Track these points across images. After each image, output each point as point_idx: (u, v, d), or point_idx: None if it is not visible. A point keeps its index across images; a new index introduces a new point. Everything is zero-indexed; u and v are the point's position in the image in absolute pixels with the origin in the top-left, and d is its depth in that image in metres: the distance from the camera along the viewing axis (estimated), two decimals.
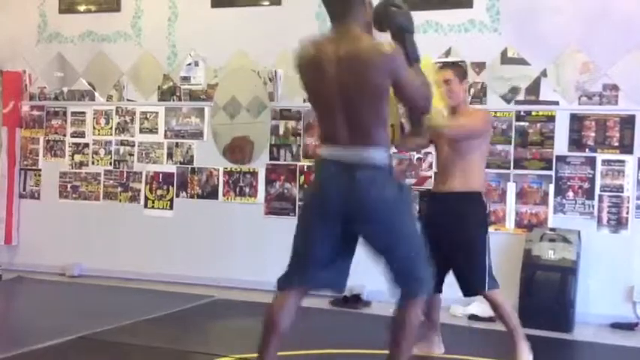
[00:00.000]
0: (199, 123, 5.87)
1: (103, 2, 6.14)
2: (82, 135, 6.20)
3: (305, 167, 5.56)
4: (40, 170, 6.31)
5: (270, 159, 5.67)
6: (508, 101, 5.16)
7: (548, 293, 4.62)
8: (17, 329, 4.58)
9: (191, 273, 5.73)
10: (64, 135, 6.25)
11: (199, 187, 5.85)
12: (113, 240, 6.04)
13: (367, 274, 5.12)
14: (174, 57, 5.94)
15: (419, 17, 5.21)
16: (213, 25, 5.80)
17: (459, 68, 3.88)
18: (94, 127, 6.17)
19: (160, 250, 5.90)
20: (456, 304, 4.97)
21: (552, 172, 5.04)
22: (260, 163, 5.69)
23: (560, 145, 5.04)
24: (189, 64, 5.90)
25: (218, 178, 5.79)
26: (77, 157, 6.21)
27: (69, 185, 6.22)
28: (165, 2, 5.93)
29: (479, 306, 4.91)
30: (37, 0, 6.28)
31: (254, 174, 5.70)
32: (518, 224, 5.10)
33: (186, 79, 5.92)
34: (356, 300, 5.13)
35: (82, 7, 6.22)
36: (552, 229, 4.93)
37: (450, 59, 5.28)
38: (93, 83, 6.19)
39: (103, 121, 6.14)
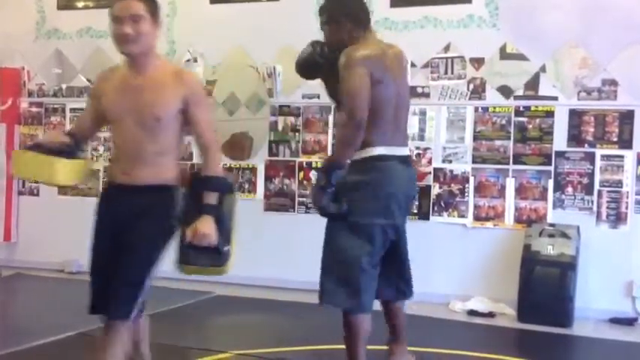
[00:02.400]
0: None
1: None
2: None
3: (304, 163, 5.56)
4: None
5: (270, 155, 5.66)
6: (507, 97, 5.15)
7: (547, 288, 4.62)
8: (17, 326, 4.58)
9: None
10: (63, 132, 6.24)
11: None
12: None
13: None
14: (172, 53, 5.93)
15: (418, 12, 5.26)
16: (211, 21, 5.79)
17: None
18: None
19: None
20: (455, 299, 4.98)
21: (551, 168, 5.04)
22: (259, 159, 5.69)
23: (560, 140, 5.04)
24: (188, 61, 5.89)
25: None
26: None
27: None
28: None
29: (478, 301, 4.92)
30: None
31: (253, 170, 5.70)
32: (518, 220, 5.10)
33: None
34: None
35: (80, 4, 6.21)
36: (551, 225, 4.93)
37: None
38: (91, 80, 6.18)
39: None
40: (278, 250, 5.59)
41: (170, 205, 2.72)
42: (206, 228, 2.64)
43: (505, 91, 5.15)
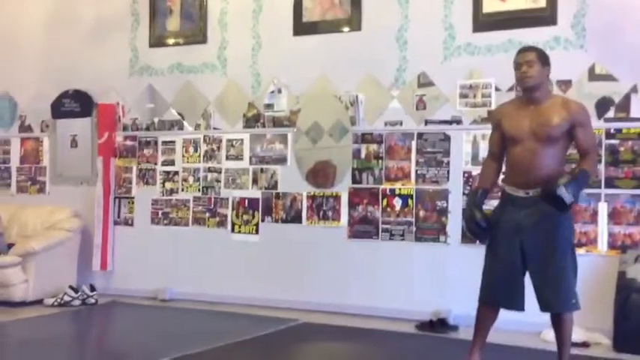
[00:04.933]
0: (283, 149, 5.97)
1: (190, 35, 6.38)
2: (171, 163, 6.42)
3: (387, 190, 5.55)
4: (133, 198, 6.57)
5: (353, 182, 5.69)
6: (597, 118, 5.00)
7: None
8: (113, 351, 4.77)
9: (276, 296, 5.80)
10: (155, 163, 6.49)
11: (283, 211, 5.94)
12: (202, 264, 6.20)
13: (454, 297, 5.09)
14: (258, 85, 6.09)
15: (501, 36, 5.21)
16: (295, 52, 5.92)
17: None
18: (183, 156, 6.38)
19: (247, 274, 6.00)
20: (547, 328, 4.81)
21: None
22: (342, 187, 5.72)
23: None
24: (273, 92, 6.03)
25: (302, 203, 5.86)
26: (168, 185, 6.43)
27: (160, 212, 6.44)
28: (249, 33, 6.10)
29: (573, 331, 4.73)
30: (128, 35, 6.60)
31: (337, 198, 5.74)
32: (612, 245, 4.90)
33: (269, 106, 6.05)
34: (442, 324, 5.05)
35: (170, 41, 6.48)
36: None
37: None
38: (182, 113, 6.42)
39: (191, 149, 6.35)
40: (362, 277, 5.59)
41: None
42: None
43: (595, 112, 4.99)
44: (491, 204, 3.90)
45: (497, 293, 3.62)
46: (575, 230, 3.90)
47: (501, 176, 3.80)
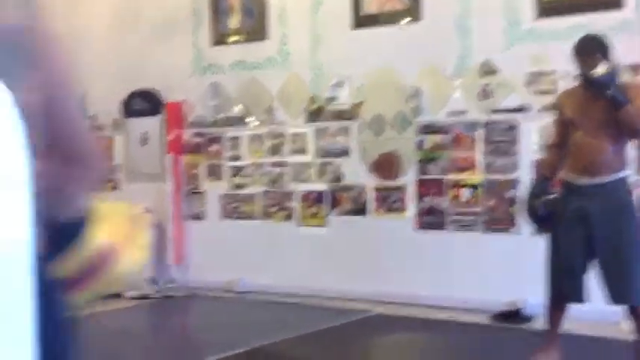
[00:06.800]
0: (346, 141, 6.03)
1: (251, 32, 6.48)
2: (238, 158, 6.56)
3: (454, 181, 5.55)
4: (203, 193, 6.74)
5: (418, 173, 5.71)
6: None
7: None
8: (192, 343, 4.97)
9: (347, 288, 5.89)
10: (223, 159, 6.64)
11: (349, 204, 6.00)
12: (272, 257, 6.33)
13: (529, 287, 5.07)
14: (319, 79, 6.15)
15: (566, 22, 5.12)
16: (354, 45, 5.93)
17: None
18: (248, 151, 6.51)
19: (316, 266, 6.11)
20: (626, 319, 4.75)
21: None
22: (408, 178, 5.75)
23: None
24: (334, 85, 6.08)
25: (367, 195, 5.92)
26: (235, 180, 6.58)
27: (229, 206, 6.60)
28: (308, 28, 6.15)
29: None
30: (191, 35, 6.74)
31: (402, 189, 5.78)
32: None
33: (331, 99, 6.10)
34: (517, 315, 5.02)
35: (232, 39, 6.60)
36: None
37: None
38: (246, 108, 6.54)
39: (256, 144, 6.47)
40: (433, 268, 5.61)
41: None
42: None
43: None
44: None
45: (563, 290, 3.62)
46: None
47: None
